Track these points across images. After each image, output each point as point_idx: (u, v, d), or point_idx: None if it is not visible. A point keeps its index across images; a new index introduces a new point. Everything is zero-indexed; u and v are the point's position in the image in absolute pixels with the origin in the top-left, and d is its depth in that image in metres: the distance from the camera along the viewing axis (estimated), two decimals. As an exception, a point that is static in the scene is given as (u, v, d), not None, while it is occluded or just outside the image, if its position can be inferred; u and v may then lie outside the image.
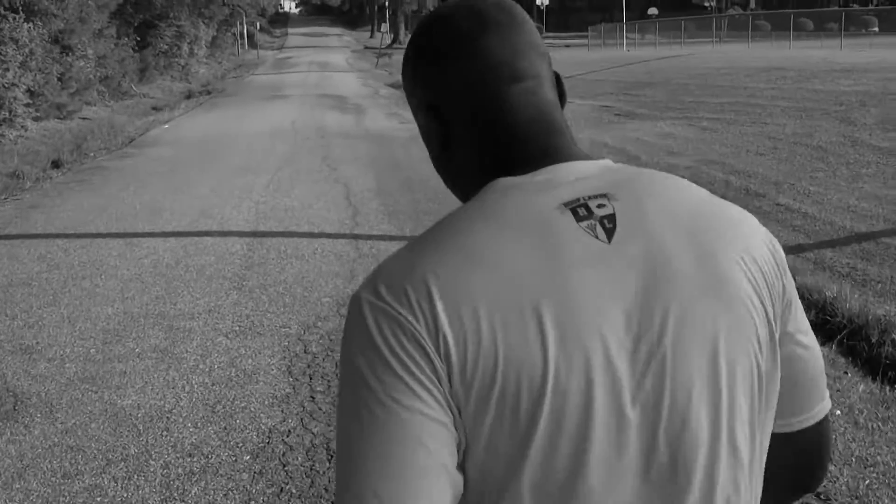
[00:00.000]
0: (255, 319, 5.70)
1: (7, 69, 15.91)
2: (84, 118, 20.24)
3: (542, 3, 58.10)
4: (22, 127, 16.27)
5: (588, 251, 0.95)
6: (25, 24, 16.69)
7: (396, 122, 18.17)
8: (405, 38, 65.78)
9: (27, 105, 16.45)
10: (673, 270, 0.96)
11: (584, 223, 0.97)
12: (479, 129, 1.08)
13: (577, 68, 27.61)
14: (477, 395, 0.90)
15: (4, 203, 10.04)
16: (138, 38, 27.43)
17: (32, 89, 16.93)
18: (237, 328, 5.56)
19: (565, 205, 0.98)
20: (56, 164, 13.66)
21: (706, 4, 73.82)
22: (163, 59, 31.63)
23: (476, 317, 0.91)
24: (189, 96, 27.75)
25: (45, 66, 17.91)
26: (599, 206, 0.98)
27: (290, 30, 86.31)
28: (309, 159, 12.81)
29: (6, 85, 15.75)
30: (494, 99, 1.07)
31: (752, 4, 75.07)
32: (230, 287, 6.42)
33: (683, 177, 1.07)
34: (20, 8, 17.03)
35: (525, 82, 1.08)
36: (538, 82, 1.10)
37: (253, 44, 59.57)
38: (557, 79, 1.15)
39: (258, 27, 62.49)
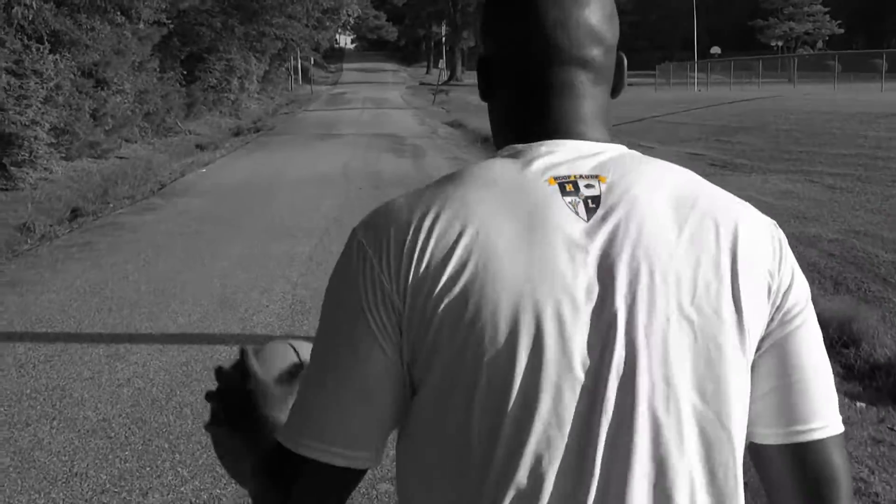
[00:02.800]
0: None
1: (29, 105, 14.12)
2: (121, 157, 18.58)
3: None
4: (45, 168, 14.47)
5: (564, 225, 1.01)
6: (51, 55, 14.92)
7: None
8: (462, 74, 64.34)
9: (51, 145, 14.65)
10: (644, 257, 1.00)
11: (569, 199, 1.03)
12: (511, 96, 1.15)
13: (650, 109, 25.25)
14: (435, 330, 0.99)
15: (-16, 274, 8.04)
16: (185, 72, 25.89)
17: (59, 126, 15.15)
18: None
19: (556, 178, 1.04)
20: (75, 214, 11.81)
21: (773, 44, 71.44)
22: (212, 94, 30.22)
23: (436, 262, 0.99)
24: (237, 133, 26.11)
25: (75, 102, 16.14)
26: (588, 185, 1.04)
27: (345, 65, 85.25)
28: (362, 217, 10.66)
29: (25, 123, 13.94)
30: (533, 76, 1.13)
31: (820, 44, 72.70)
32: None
33: (832, 254, 0.82)
34: (45, 38, 15.27)
35: (568, 67, 1.12)
36: (584, 69, 1.12)
37: (307, 79, 58.18)
38: (618, 65, 1.18)
39: (312, 62, 61.14)
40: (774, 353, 1.05)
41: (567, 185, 1.03)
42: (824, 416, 1.07)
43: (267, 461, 1.07)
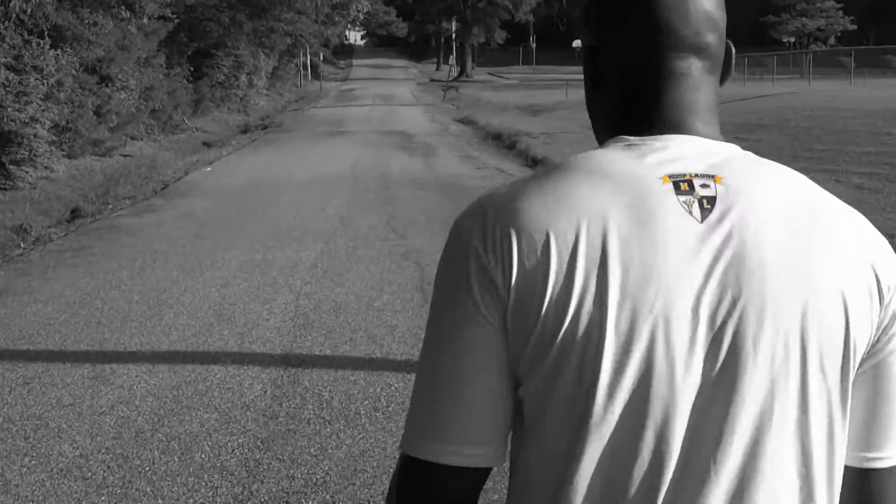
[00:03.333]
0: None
1: (29, 102, 13.70)
2: (126, 155, 18.19)
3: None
4: (45, 167, 14.04)
5: (678, 225, 0.97)
6: (52, 50, 14.48)
7: (471, 168, 15.59)
8: (472, 71, 63.83)
9: (52, 143, 14.23)
10: (758, 264, 0.96)
11: (683, 198, 0.98)
12: (623, 85, 1.10)
13: (666, 106, 24.67)
14: (541, 324, 0.95)
15: (-29, 282, 7.59)
16: (192, 69, 25.50)
17: (61, 124, 14.73)
18: None
19: (670, 176, 1.00)
20: (75, 215, 11.37)
21: (785, 41, 70.71)
22: (219, 91, 29.83)
23: (544, 254, 0.96)
24: (245, 130, 25.68)
25: (78, 98, 15.72)
26: (703, 185, 0.99)
27: (355, 61, 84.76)
28: (370, 220, 10.21)
29: (25, 120, 13.52)
30: (648, 64, 1.08)
31: (832, 40, 71.99)
32: (237, 492, 3.80)
33: None
34: (46, 33, 14.84)
35: (684, 54, 1.08)
36: (699, 56, 1.09)
37: (316, 75, 57.58)
38: (727, 52, 1.14)
39: (322, 58, 60.67)
40: (871, 375, 1.02)
41: (682, 184, 1.00)
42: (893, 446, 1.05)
43: (394, 486, 1.05)
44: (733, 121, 20.82)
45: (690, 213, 0.97)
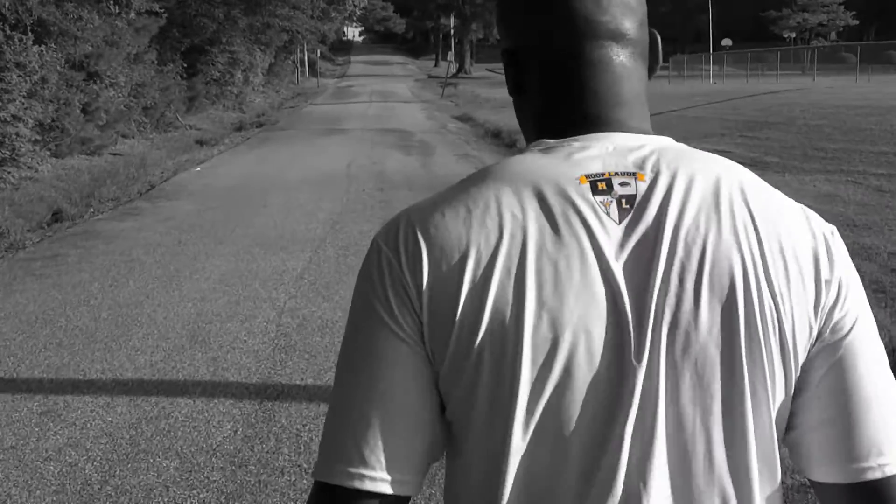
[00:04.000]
0: None
1: (11, 100, 13.15)
2: (116, 153, 17.69)
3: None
4: (29, 167, 13.49)
5: (594, 226, 0.93)
6: (36, 46, 13.92)
7: (470, 168, 14.99)
8: (471, 67, 63.30)
9: (35, 142, 13.69)
10: (679, 263, 0.92)
11: (600, 198, 0.95)
12: (543, 85, 1.05)
13: (667, 103, 24.10)
14: (456, 335, 0.92)
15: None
16: (186, 65, 24.99)
17: (45, 122, 14.18)
18: None
19: (587, 176, 0.96)
20: (56, 217, 10.81)
21: (786, 36, 70.22)
22: (214, 88, 29.43)
23: (458, 263, 0.92)
24: (240, 128, 25.18)
25: (64, 96, 15.17)
26: (623, 184, 0.95)
27: (353, 57, 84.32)
28: (363, 225, 9.62)
29: (6, 119, 12.97)
30: (564, 54, 1.04)
31: (833, 35, 71.55)
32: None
33: (895, 269, 0.92)
34: (29, 28, 14.26)
35: (602, 41, 1.03)
36: (619, 43, 1.04)
37: (314, 72, 56.99)
38: (652, 42, 1.09)
39: (319, 54, 60.04)
40: (826, 375, 0.95)
41: (599, 184, 0.95)
42: (890, 450, 0.95)
43: None
44: (740, 118, 20.27)
45: (608, 213, 0.94)
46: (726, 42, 56.88)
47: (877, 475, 0.93)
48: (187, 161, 16.73)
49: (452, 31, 69.01)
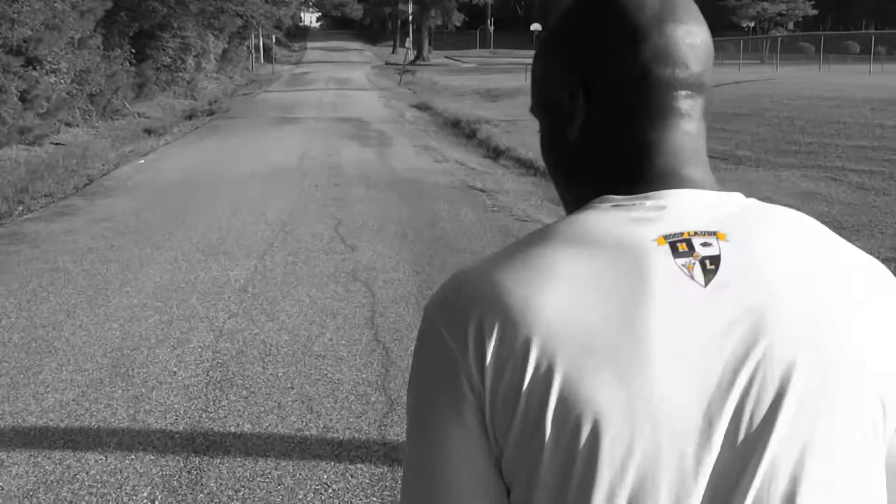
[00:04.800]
0: None
1: (-64, 87, 12.23)
2: (58, 143, 16.77)
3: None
4: (-43, 161, 12.58)
5: (679, 293, 0.83)
6: (-35, 29, 12.99)
7: (430, 160, 14.31)
8: (429, 54, 62.48)
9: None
10: (777, 324, 0.82)
11: (682, 261, 0.85)
12: (619, 125, 0.93)
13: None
14: (519, 425, 0.81)
15: None
16: (134, 51, 24.03)
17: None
18: None
19: (665, 237, 0.86)
20: (-16, 216, 9.94)
21: (744, 25, 70.22)
22: (165, 74, 28.52)
23: (527, 340, 0.81)
24: (191, 116, 24.36)
25: (-1, 82, 14.27)
26: (704, 244, 0.86)
27: (310, 44, 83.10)
28: (315, 227, 8.86)
29: (-70, 108, 12.05)
30: (647, 98, 0.91)
31: (791, 26, 71.75)
32: None
33: None
34: (-42, 10, 13.31)
35: (690, 92, 0.92)
36: (700, 95, 0.94)
37: (269, 58, 55.79)
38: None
39: (274, 40, 58.82)
40: None
41: (680, 245, 0.85)
42: None
43: None
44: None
45: (692, 276, 0.83)
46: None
47: None
48: (131, 152, 15.81)
49: (410, 18, 68.12)
